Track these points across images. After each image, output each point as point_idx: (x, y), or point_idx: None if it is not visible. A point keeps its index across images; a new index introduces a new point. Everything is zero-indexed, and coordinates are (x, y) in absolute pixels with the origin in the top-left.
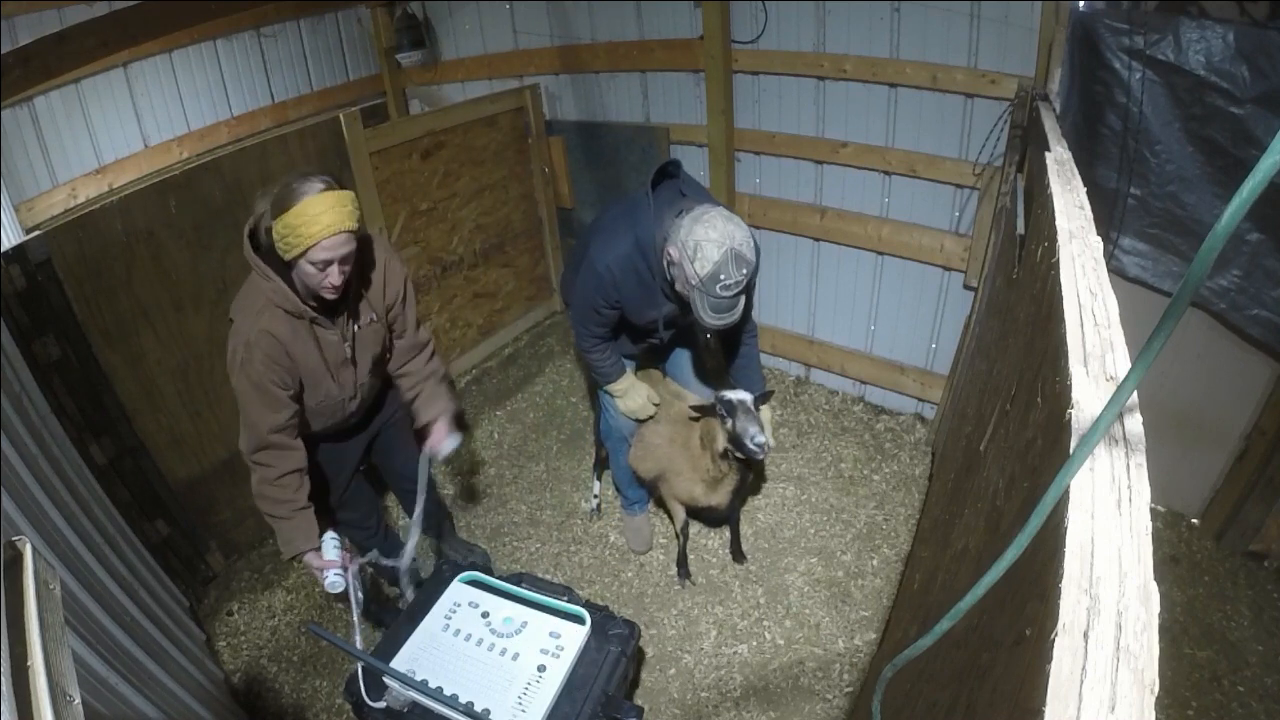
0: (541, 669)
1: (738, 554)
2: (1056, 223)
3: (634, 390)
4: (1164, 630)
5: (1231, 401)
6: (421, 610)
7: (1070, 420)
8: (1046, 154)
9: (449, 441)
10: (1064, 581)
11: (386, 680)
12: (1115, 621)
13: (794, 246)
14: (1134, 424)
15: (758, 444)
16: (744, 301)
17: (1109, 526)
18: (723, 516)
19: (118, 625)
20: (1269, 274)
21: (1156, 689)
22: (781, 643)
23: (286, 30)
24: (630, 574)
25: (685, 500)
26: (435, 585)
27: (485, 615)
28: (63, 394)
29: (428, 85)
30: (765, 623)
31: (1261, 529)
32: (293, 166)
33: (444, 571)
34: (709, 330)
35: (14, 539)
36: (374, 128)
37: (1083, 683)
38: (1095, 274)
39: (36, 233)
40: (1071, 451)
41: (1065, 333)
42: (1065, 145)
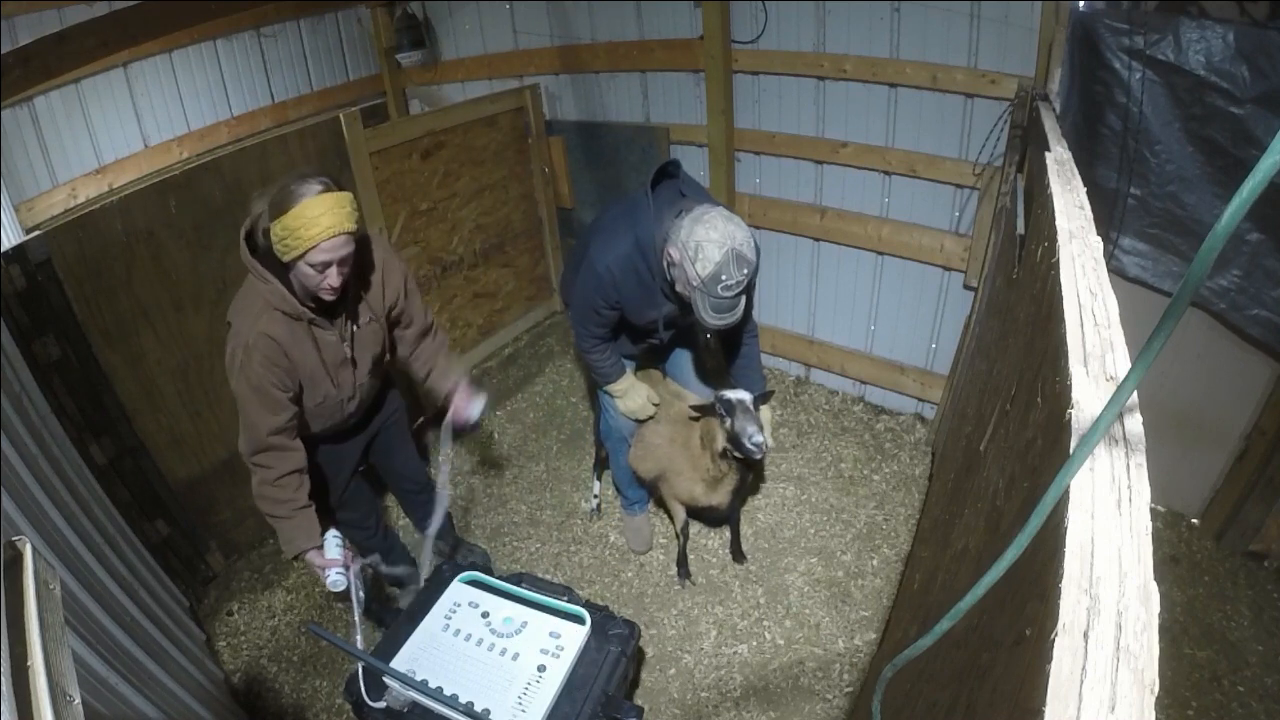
0: (541, 669)
1: (738, 554)
2: (1056, 223)
3: (634, 390)
4: (1164, 630)
5: (1231, 401)
6: (421, 610)
7: (1070, 420)
8: (1046, 154)
9: (475, 403)
10: (1064, 581)
11: (386, 680)
12: (1115, 621)
13: (794, 246)
14: (1134, 424)
15: (755, 444)
16: (745, 301)
17: (1109, 526)
18: (723, 516)
19: (118, 625)
20: (1269, 274)
21: (1156, 689)
22: (781, 643)
23: (286, 30)
24: (630, 574)
25: (685, 500)
26: (435, 585)
27: (485, 615)
28: (63, 394)
29: (428, 85)
30: (765, 623)
31: (1261, 529)
32: (293, 166)
33: (444, 571)
34: (710, 330)
35: (14, 539)
36: (374, 128)
37: (1083, 683)
38: (1095, 274)
39: (36, 233)
40: (1071, 451)
41: (1065, 333)
42: (1065, 145)
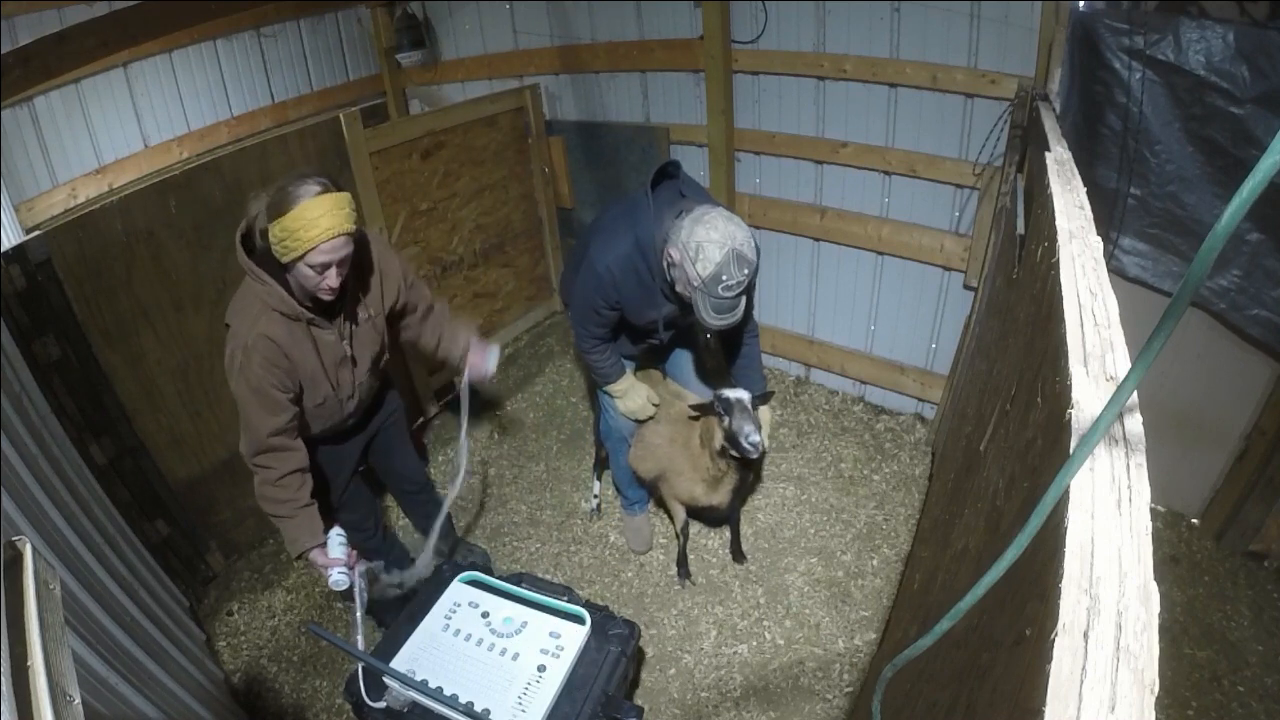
0: (541, 669)
1: (738, 554)
2: (1056, 223)
3: (634, 391)
4: (1164, 630)
5: (1231, 401)
6: (421, 610)
7: (1070, 420)
8: (1046, 154)
9: (489, 355)
10: (1064, 581)
11: (386, 680)
12: (1115, 621)
13: (794, 246)
14: (1134, 424)
15: (752, 443)
16: (745, 302)
17: (1109, 526)
18: (723, 516)
19: (118, 625)
20: (1269, 274)
21: (1156, 689)
22: (781, 643)
23: (286, 30)
24: (630, 574)
25: (685, 500)
26: (435, 585)
27: (485, 615)
28: (63, 394)
29: (428, 85)
30: (765, 623)
31: (1261, 529)
32: (293, 166)
33: (444, 571)
34: (710, 331)
35: (14, 539)
36: (374, 128)
37: (1083, 683)
38: (1095, 274)
39: (36, 233)
40: (1071, 451)
41: (1065, 333)
42: (1065, 145)
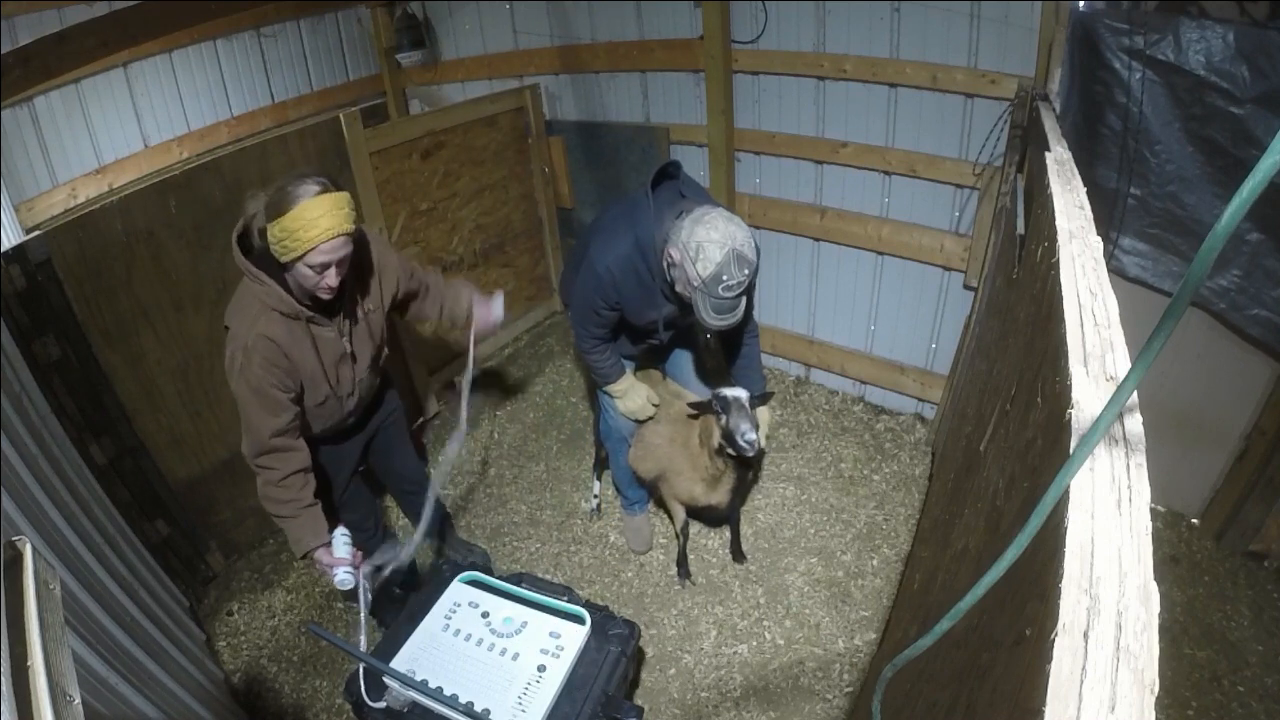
0: (541, 669)
1: (738, 554)
2: (1056, 223)
3: (633, 391)
4: (1164, 630)
5: (1231, 401)
6: (421, 610)
7: (1070, 420)
8: (1046, 154)
9: (494, 303)
10: (1064, 581)
11: (386, 680)
12: (1115, 621)
13: (794, 246)
14: (1134, 424)
15: (749, 441)
16: (745, 302)
17: (1109, 526)
18: (723, 516)
19: (118, 625)
20: (1269, 274)
21: (1156, 689)
22: (781, 643)
23: (286, 30)
24: (630, 574)
25: (685, 500)
26: (435, 585)
27: (485, 615)
28: (63, 394)
29: (428, 85)
30: (765, 623)
31: (1261, 529)
32: (293, 166)
33: (444, 571)
34: (710, 331)
35: (14, 539)
36: (374, 128)
37: (1083, 683)
38: (1095, 274)
39: (36, 233)
40: (1071, 451)
41: (1065, 333)
42: (1065, 145)
